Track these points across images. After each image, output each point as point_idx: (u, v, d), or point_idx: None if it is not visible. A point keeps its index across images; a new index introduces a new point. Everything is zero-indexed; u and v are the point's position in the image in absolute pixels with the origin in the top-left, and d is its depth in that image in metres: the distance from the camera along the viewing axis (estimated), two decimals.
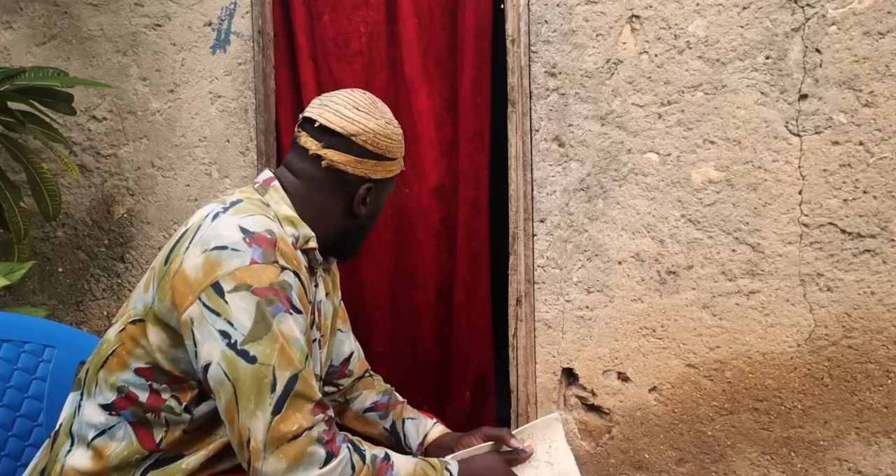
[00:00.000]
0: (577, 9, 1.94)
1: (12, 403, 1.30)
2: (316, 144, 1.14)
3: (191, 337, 1.00)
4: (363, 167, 1.16)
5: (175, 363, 1.05)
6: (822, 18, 1.80)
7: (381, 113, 1.17)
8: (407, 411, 1.41)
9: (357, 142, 1.14)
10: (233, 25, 2.11)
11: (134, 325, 1.07)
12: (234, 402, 0.97)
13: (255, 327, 0.98)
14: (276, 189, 1.15)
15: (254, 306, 0.98)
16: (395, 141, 1.18)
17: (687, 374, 1.94)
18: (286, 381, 0.98)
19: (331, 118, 1.14)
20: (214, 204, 1.10)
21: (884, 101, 1.78)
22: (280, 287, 1.01)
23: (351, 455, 1.02)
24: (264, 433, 0.96)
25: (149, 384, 1.06)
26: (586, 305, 1.98)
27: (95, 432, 1.07)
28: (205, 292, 0.99)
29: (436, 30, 2.13)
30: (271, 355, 0.98)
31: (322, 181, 1.16)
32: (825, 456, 1.87)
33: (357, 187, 1.17)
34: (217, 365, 0.98)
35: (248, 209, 1.08)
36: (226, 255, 1.00)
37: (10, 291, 2.24)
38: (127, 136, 2.20)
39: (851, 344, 1.84)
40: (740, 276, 1.88)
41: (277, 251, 1.03)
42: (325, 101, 1.17)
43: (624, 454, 1.99)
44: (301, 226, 1.14)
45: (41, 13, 2.18)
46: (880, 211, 1.80)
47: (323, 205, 1.17)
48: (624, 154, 1.94)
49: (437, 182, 2.17)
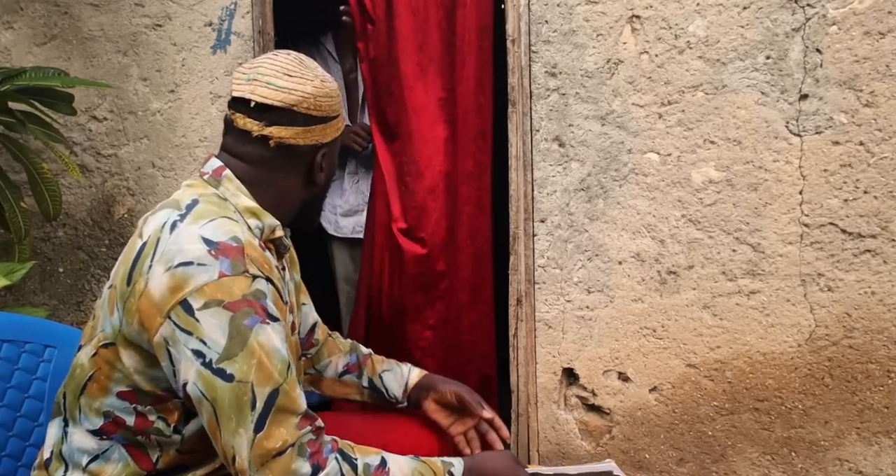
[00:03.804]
0: (577, 9, 1.94)
1: (13, 403, 1.30)
2: (258, 125, 1.07)
3: (166, 357, 0.96)
4: (313, 135, 1.10)
5: (155, 382, 1.01)
6: (823, 18, 1.80)
7: (312, 73, 1.10)
8: (379, 364, 1.41)
9: (300, 111, 1.07)
10: (233, 25, 2.11)
11: (106, 348, 1.02)
12: (216, 420, 0.94)
13: (230, 344, 0.93)
14: (229, 179, 1.08)
15: (227, 322, 0.94)
16: (334, 97, 1.12)
17: (687, 374, 1.94)
18: (266, 398, 0.94)
19: (266, 93, 1.06)
20: (168, 210, 1.04)
21: (884, 101, 1.78)
22: (253, 297, 0.96)
23: (340, 465, 0.99)
24: (248, 451, 0.93)
25: (133, 407, 1.02)
26: (587, 305, 1.98)
27: (89, 457, 1.04)
28: (173, 311, 0.94)
29: (431, 27, 2.13)
30: (248, 372, 0.93)
31: (274, 160, 1.09)
32: (826, 456, 1.87)
33: (312, 156, 1.12)
34: (194, 384, 0.94)
35: (206, 213, 1.02)
36: (192, 271, 0.95)
37: (10, 291, 2.24)
38: (127, 136, 2.20)
39: (852, 344, 1.84)
40: (741, 276, 1.88)
41: (246, 259, 0.98)
42: (251, 73, 1.08)
43: (624, 454, 1.99)
44: (264, 216, 1.09)
45: (41, 13, 2.18)
46: (881, 211, 1.80)
47: (281, 184, 1.11)
48: (624, 154, 1.94)
49: (432, 180, 2.17)
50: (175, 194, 1.10)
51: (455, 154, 2.17)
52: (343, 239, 2.59)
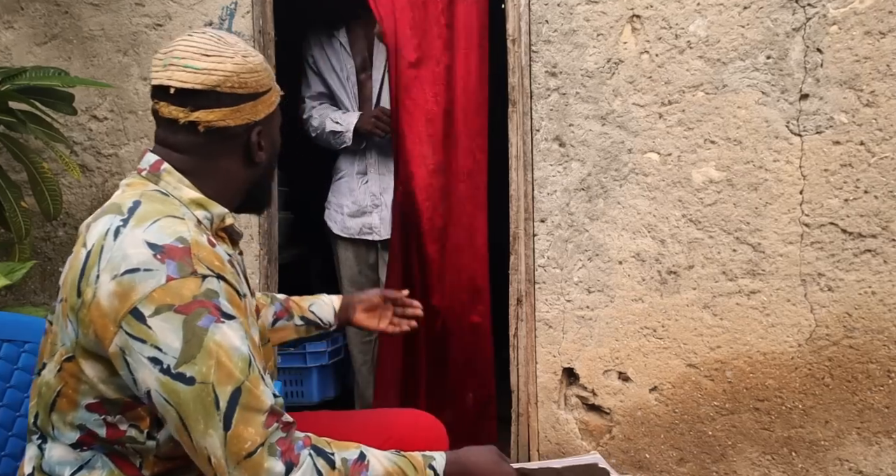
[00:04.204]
0: (577, 8, 1.94)
1: (13, 403, 1.30)
2: (183, 111, 1.03)
3: (124, 367, 0.94)
4: (243, 114, 1.05)
5: (122, 390, 0.98)
6: (823, 18, 1.80)
7: (232, 49, 1.05)
8: (303, 302, 1.49)
9: (224, 91, 1.02)
10: (233, 25, 2.11)
11: (69, 362, 1.00)
12: (182, 425, 0.93)
13: (186, 347, 0.91)
14: (168, 172, 1.05)
15: (180, 325, 0.91)
16: (260, 72, 1.06)
17: (687, 373, 1.93)
18: (229, 397, 0.92)
19: (184, 77, 1.02)
20: (110, 215, 1.01)
21: (885, 101, 1.78)
22: (205, 297, 0.94)
23: (314, 460, 0.97)
24: (222, 449, 0.92)
25: (103, 419, 0.99)
26: (587, 305, 1.98)
27: (72, 469, 1.02)
28: (125, 321, 0.92)
29: (430, 25, 2.14)
30: (208, 373, 0.91)
31: (208, 146, 1.05)
32: (826, 456, 1.87)
33: (246, 136, 1.07)
34: (156, 392, 0.93)
35: (150, 214, 0.99)
36: (139, 277, 0.92)
37: (10, 291, 2.24)
38: (128, 135, 2.20)
39: (852, 344, 1.83)
40: (741, 276, 1.88)
41: (194, 259, 0.95)
42: (167, 58, 1.04)
43: (624, 454, 1.99)
44: (211, 205, 1.06)
45: (42, 13, 2.18)
46: (881, 211, 1.80)
47: (222, 169, 1.08)
48: (625, 154, 1.94)
49: (426, 179, 2.17)
50: (115, 196, 1.07)
51: (449, 152, 2.17)
52: (349, 239, 2.52)
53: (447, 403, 2.24)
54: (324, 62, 2.50)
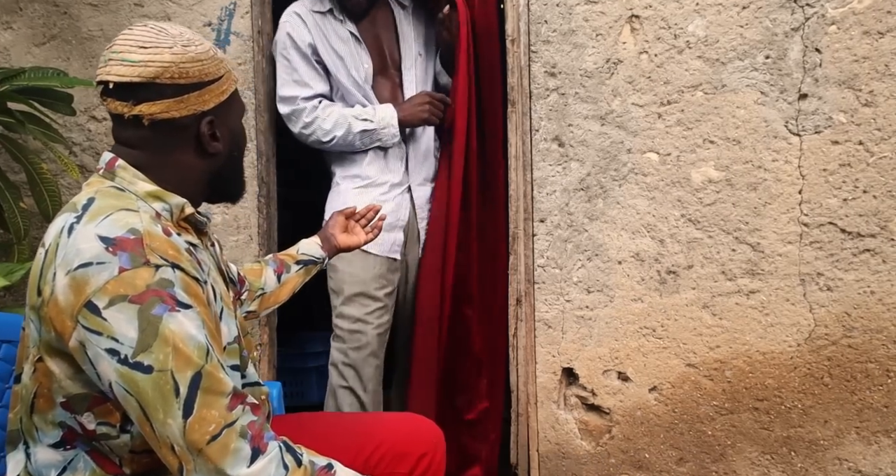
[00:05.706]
0: (576, 9, 1.94)
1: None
2: (126, 106, 1.02)
3: (86, 361, 0.95)
4: (188, 104, 1.03)
5: (89, 386, 0.98)
6: (822, 18, 1.80)
7: (172, 39, 1.03)
8: (291, 252, 1.59)
9: (164, 82, 1.01)
10: (232, 25, 2.11)
11: (40, 362, 1.00)
12: (143, 415, 0.92)
13: (142, 336, 0.91)
14: (123, 168, 1.05)
15: (135, 315, 0.91)
16: (205, 60, 1.05)
17: (687, 373, 1.94)
18: (189, 382, 0.92)
19: (121, 71, 1.00)
20: (66, 214, 1.01)
21: (883, 101, 1.78)
22: (159, 287, 0.93)
23: (282, 454, 0.96)
24: (182, 438, 0.91)
25: (73, 417, 1.00)
26: (586, 305, 1.98)
27: (57, 471, 1.02)
28: (80, 315, 0.92)
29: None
30: (166, 360, 0.91)
31: (158, 139, 1.05)
32: (825, 455, 1.87)
33: (195, 127, 1.06)
34: (117, 383, 0.93)
35: (102, 209, 0.99)
36: (91, 271, 0.93)
37: (10, 292, 2.24)
38: None
39: (851, 343, 1.84)
40: (740, 276, 1.88)
41: (146, 249, 0.95)
42: (108, 53, 1.03)
43: (624, 454, 1.99)
44: (168, 196, 1.05)
45: (41, 13, 2.18)
46: (880, 210, 1.80)
47: (176, 161, 1.07)
48: (624, 154, 1.94)
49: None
50: (75, 197, 1.07)
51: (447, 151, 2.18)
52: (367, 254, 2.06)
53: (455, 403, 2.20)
54: (330, 57, 2.07)
